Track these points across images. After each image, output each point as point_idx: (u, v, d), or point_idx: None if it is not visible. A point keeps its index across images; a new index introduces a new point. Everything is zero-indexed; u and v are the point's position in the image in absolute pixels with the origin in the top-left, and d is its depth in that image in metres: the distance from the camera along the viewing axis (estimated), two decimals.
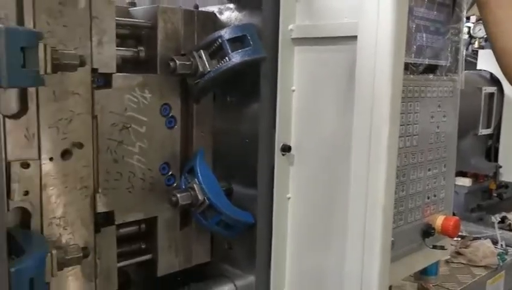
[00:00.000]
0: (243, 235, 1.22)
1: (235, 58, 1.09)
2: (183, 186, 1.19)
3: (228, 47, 1.10)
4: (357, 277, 1.05)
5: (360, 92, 1.01)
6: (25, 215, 1.00)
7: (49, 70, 0.88)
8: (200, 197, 1.15)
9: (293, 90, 1.16)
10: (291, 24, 1.13)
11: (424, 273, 1.46)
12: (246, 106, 1.19)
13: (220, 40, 1.10)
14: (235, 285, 1.27)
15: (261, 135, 1.16)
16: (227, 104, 1.24)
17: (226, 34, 1.10)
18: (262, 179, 1.17)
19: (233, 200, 1.23)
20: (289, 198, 1.20)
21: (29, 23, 0.94)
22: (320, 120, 1.13)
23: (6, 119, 0.94)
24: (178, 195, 1.13)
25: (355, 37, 1.01)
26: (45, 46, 0.87)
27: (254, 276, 1.22)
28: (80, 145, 1.04)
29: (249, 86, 1.17)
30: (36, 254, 0.88)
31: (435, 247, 1.28)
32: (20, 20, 0.93)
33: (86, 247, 1.04)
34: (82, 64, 0.95)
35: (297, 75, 1.16)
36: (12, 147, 0.95)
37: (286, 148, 1.17)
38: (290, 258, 1.22)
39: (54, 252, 0.94)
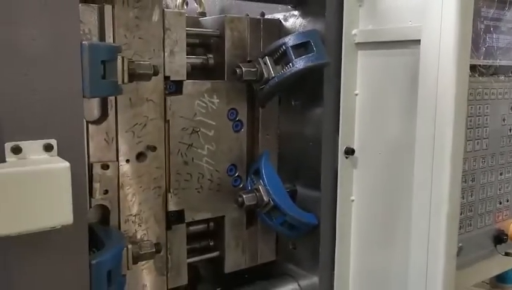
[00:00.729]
0: (306, 236, 1.25)
1: (299, 64, 1.12)
2: (249, 188, 1.24)
3: (292, 53, 1.13)
4: (421, 281, 1.04)
5: (424, 95, 1.01)
6: (104, 212, 1.09)
7: (126, 80, 0.96)
8: (265, 198, 1.19)
9: (356, 94, 1.18)
10: (354, 29, 1.15)
11: (502, 280, 1.41)
12: (310, 109, 1.22)
13: (284, 47, 1.14)
14: (299, 285, 1.31)
15: (324, 138, 1.18)
16: (291, 108, 1.27)
17: (289, 40, 1.13)
18: (325, 181, 1.20)
19: (297, 202, 1.26)
20: (353, 200, 1.22)
21: (109, 37, 1.03)
22: (384, 123, 1.13)
23: (89, 125, 1.04)
24: (244, 196, 1.18)
25: (418, 41, 1.01)
26: (123, 58, 0.95)
27: (317, 276, 1.24)
28: (153, 148, 1.12)
29: (312, 91, 1.20)
30: (114, 247, 0.96)
31: (507, 254, 1.24)
32: (102, 35, 1.02)
33: (158, 243, 1.12)
34: (155, 73, 1.03)
35: (361, 79, 1.17)
36: (94, 150, 1.04)
37: (349, 151, 1.18)
38: (353, 259, 1.24)
39: (130, 246, 1.02)
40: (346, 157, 1.19)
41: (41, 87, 0.81)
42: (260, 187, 1.20)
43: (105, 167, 1.05)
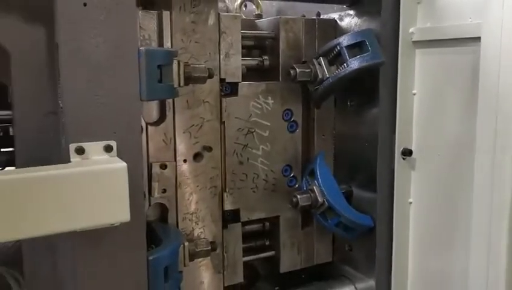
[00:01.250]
0: (362, 238, 1.23)
1: (353, 64, 1.11)
2: (304, 188, 1.24)
3: (346, 53, 1.12)
4: (482, 284, 1.00)
5: (484, 94, 0.96)
6: (163, 210, 1.13)
7: (182, 83, 1.00)
8: (320, 199, 1.19)
9: (414, 94, 1.15)
10: (412, 27, 1.12)
11: None
12: (366, 110, 1.20)
13: (338, 47, 1.13)
14: (355, 287, 1.29)
15: (380, 138, 1.16)
16: (347, 108, 1.26)
17: (344, 40, 1.13)
18: (382, 183, 1.18)
19: (353, 203, 1.25)
20: (411, 203, 1.19)
21: (167, 42, 1.07)
22: (443, 123, 1.10)
23: (149, 126, 1.08)
24: (298, 196, 1.19)
25: (478, 38, 0.97)
26: (179, 62, 0.98)
27: (374, 279, 1.23)
28: (210, 149, 1.15)
29: (368, 91, 1.18)
30: (171, 245, 1.00)
31: None
32: (160, 40, 1.06)
33: (213, 241, 1.15)
34: (210, 76, 1.06)
35: (419, 78, 1.14)
36: (153, 150, 1.09)
37: (407, 152, 1.15)
38: (411, 263, 1.21)
39: (186, 244, 1.06)
40: (404, 159, 1.16)
41: (103, 91, 0.86)
42: (315, 188, 1.20)
43: (163, 166, 1.09)
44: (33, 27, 0.89)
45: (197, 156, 1.14)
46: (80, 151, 0.84)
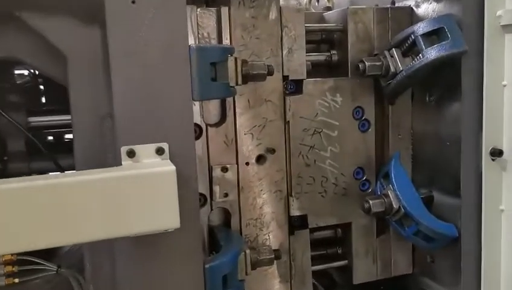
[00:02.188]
0: (446, 248, 1.10)
1: (430, 54, 0.99)
2: (379, 192, 1.14)
3: (422, 43, 1.00)
4: None
5: None
6: (227, 215, 1.09)
7: (240, 81, 0.95)
8: (395, 204, 1.08)
9: (505, 85, 1.00)
10: (499, 9, 0.98)
11: None
12: (447, 105, 1.07)
13: (413, 36, 1.02)
14: None
15: (464, 137, 1.03)
16: (426, 104, 1.13)
17: (419, 29, 1.01)
18: (467, 188, 1.04)
19: (433, 210, 1.12)
20: (502, 210, 1.04)
21: (226, 39, 1.02)
22: None
23: (209, 128, 1.04)
24: (371, 202, 1.09)
25: None
26: (236, 59, 0.93)
27: None
28: (273, 151, 1.08)
29: (450, 83, 1.05)
30: (230, 252, 0.95)
31: None
32: (220, 37, 1.02)
33: (278, 249, 1.08)
34: (270, 73, 1.00)
35: (510, 67, 0.99)
36: (213, 152, 1.05)
37: (496, 153, 1.01)
38: (504, 279, 1.06)
39: (248, 251, 1.00)
40: (493, 160, 1.02)
41: (153, 91, 0.83)
42: (389, 192, 1.09)
43: (224, 169, 1.05)
44: (88, 29, 0.88)
45: (260, 159, 1.08)
46: (131, 154, 0.82)
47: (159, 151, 0.83)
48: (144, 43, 0.82)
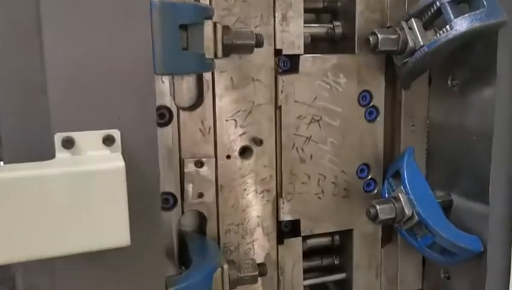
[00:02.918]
0: (466, 263, 0.91)
1: (460, 25, 0.79)
2: (386, 195, 0.94)
3: (450, 11, 0.80)
4: None
5: None
6: (202, 219, 0.89)
7: (219, 53, 0.74)
8: (407, 211, 0.88)
9: None
10: None
11: None
12: (475, 91, 0.87)
13: (438, 3, 0.82)
14: None
15: (497, 130, 0.83)
16: (447, 89, 0.93)
17: None
18: (496, 192, 0.85)
19: (452, 217, 0.93)
20: None
21: (204, 0, 0.81)
22: None
23: (181, 112, 0.84)
24: (378, 207, 0.89)
25: None
26: (215, 24, 0.73)
27: None
28: (261, 142, 0.88)
29: (479, 64, 0.85)
30: (201, 270, 0.75)
31: None
32: None
33: (263, 263, 0.89)
34: (259, 44, 0.79)
35: None
36: (186, 143, 0.85)
37: None
38: None
39: (226, 267, 0.80)
40: None
41: (101, 61, 0.62)
42: (401, 195, 0.90)
43: (199, 164, 0.85)
44: None
45: (244, 151, 0.88)
46: (68, 143, 0.61)
47: (107, 141, 0.63)
48: None
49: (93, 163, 0.57)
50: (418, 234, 0.92)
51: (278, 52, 0.88)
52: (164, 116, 0.83)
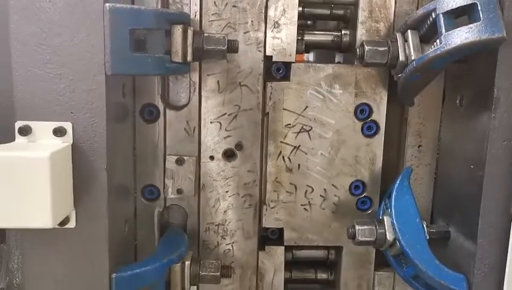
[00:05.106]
0: None
1: (451, 40, 0.71)
2: (380, 216, 0.89)
3: (443, 24, 0.73)
4: None
5: None
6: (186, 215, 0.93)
7: (189, 57, 0.77)
8: (389, 236, 0.82)
9: None
10: None
11: None
12: (476, 114, 0.78)
13: (433, 15, 0.74)
14: None
15: (490, 160, 0.73)
16: (456, 110, 0.84)
17: (442, 4, 0.73)
18: (486, 234, 0.75)
19: (448, 250, 0.84)
20: None
21: (195, 5, 0.84)
22: None
23: (167, 110, 0.88)
24: (357, 227, 0.84)
25: None
26: (185, 29, 0.76)
27: None
28: (245, 147, 0.89)
29: (482, 84, 0.76)
30: (155, 260, 0.79)
31: None
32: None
33: (228, 266, 0.89)
34: (231, 50, 0.80)
35: None
36: (171, 140, 0.89)
37: None
38: None
39: (187, 263, 0.83)
40: None
41: (57, 58, 0.69)
42: (385, 219, 0.84)
43: (179, 161, 0.88)
44: None
45: (228, 154, 0.90)
46: (24, 131, 0.69)
47: (58, 133, 0.69)
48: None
49: (24, 150, 0.64)
50: (404, 262, 0.85)
51: (268, 59, 0.87)
52: (152, 113, 0.88)
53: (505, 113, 0.72)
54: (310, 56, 1.11)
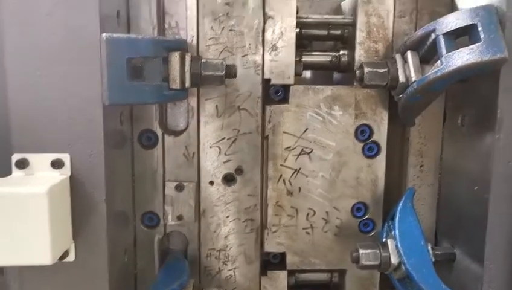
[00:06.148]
0: None
1: (452, 61, 0.70)
2: (383, 238, 0.87)
3: (443, 45, 0.72)
4: None
5: None
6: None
7: (187, 83, 0.76)
8: (394, 260, 0.81)
9: None
10: None
11: None
12: (481, 132, 0.77)
13: (433, 36, 0.74)
14: None
15: (496, 179, 0.73)
16: (457, 129, 0.84)
17: (442, 25, 0.73)
18: (494, 251, 0.74)
19: (453, 273, 0.83)
20: None
21: (191, 30, 0.83)
22: None
23: (165, 136, 0.87)
24: (361, 251, 0.83)
25: None
26: (182, 55, 0.75)
27: None
28: (245, 171, 0.88)
29: (485, 103, 0.75)
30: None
31: None
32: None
33: None
34: (230, 75, 0.79)
35: None
36: (170, 166, 0.87)
37: None
38: None
39: None
40: None
41: (55, 90, 0.68)
42: (389, 242, 0.82)
43: (179, 187, 0.87)
44: None
45: (228, 179, 0.88)
46: (22, 164, 0.68)
47: (56, 165, 0.68)
48: (46, 29, 0.67)
49: (23, 185, 0.62)
50: (410, 286, 0.84)
51: (267, 82, 0.86)
52: (150, 139, 0.87)
53: (510, 134, 0.71)
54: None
